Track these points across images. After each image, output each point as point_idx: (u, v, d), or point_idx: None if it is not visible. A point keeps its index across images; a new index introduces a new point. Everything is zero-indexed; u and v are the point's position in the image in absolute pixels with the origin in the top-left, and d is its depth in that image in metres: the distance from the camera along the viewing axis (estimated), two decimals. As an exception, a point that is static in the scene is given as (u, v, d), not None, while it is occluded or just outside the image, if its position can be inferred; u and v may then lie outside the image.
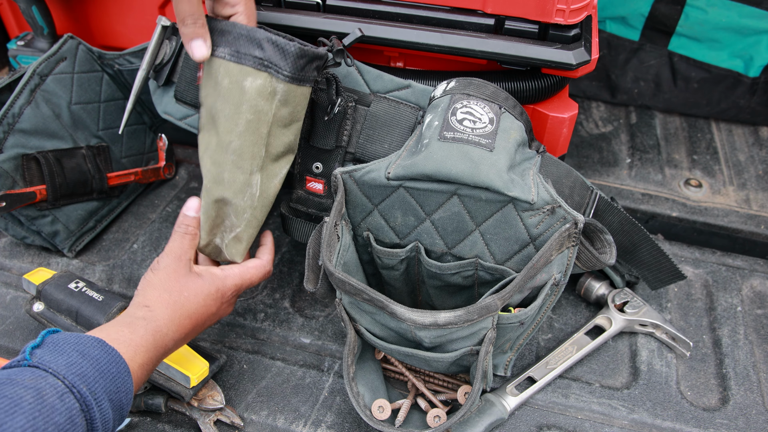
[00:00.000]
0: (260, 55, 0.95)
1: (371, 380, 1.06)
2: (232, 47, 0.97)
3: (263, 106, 0.98)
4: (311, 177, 1.15)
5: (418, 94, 1.08)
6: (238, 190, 1.03)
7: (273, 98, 0.98)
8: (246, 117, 0.98)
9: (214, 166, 1.03)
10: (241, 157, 1.01)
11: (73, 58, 1.36)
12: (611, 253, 1.01)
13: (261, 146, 1.01)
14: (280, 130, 1.02)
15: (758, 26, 1.59)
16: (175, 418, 1.08)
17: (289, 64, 0.95)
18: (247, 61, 0.96)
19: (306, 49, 0.95)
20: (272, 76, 0.96)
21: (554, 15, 1.05)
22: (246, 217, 1.06)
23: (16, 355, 1.17)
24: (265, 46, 0.95)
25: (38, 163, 1.29)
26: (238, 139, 1.00)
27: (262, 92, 0.97)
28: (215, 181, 1.04)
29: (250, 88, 0.97)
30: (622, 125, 1.74)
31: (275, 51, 0.95)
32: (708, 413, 1.10)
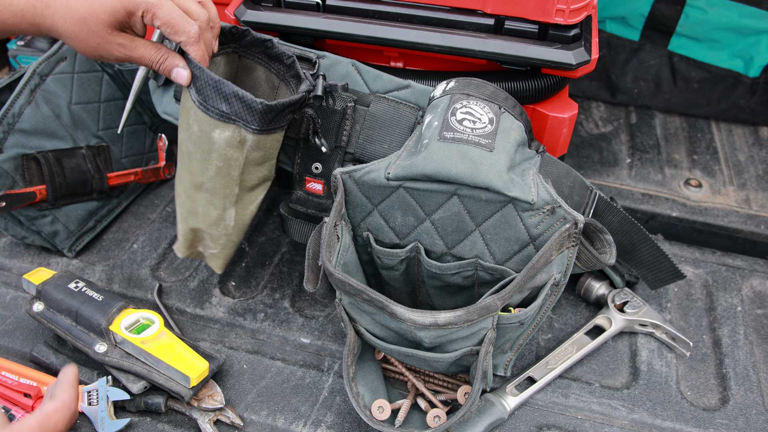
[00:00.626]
0: (227, 110, 0.93)
1: (371, 380, 1.06)
2: (200, 94, 0.94)
3: (233, 154, 0.98)
4: (311, 177, 1.15)
5: (417, 94, 1.08)
6: (212, 223, 1.07)
7: (243, 146, 0.97)
8: (216, 164, 0.99)
9: (189, 200, 1.06)
10: (214, 195, 1.03)
11: (73, 57, 1.36)
12: (611, 253, 1.01)
13: (233, 186, 1.02)
14: (253, 168, 1.03)
15: (758, 26, 1.59)
16: (175, 418, 1.08)
17: (256, 119, 0.94)
18: (214, 113, 0.94)
19: (273, 105, 0.93)
20: (240, 128, 0.95)
21: (554, 15, 1.05)
22: (221, 243, 1.10)
23: (16, 355, 1.17)
24: (231, 101, 0.92)
25: (38, 163, 1.29)
26: (210, 182, 1.01)
27: (231, 142, 0.96)
28: (190, 212, 1.07)
29: (219, 138, 0.96)
30: (622, 125, 1.74)
31: (242, 107, 0.92)
32: (708, 413, 1.10)
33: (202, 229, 1.09)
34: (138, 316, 1.13)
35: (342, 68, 1.09)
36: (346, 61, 1.10)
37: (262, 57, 1.08)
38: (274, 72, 1.07)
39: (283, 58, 1.03)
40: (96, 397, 1.06)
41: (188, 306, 1.28)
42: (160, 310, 1.26)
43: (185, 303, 1.28)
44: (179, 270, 1.36)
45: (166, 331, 1.12)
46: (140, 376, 1.07)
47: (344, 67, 1.09)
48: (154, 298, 1.28)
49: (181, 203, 1.09)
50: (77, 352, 1.17)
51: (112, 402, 1.06)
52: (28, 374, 1.09)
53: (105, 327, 1.09)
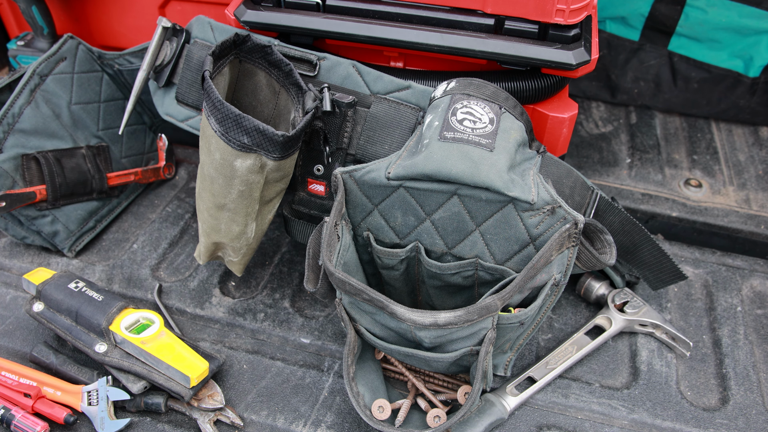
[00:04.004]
0: (248, 142, 0.97)
1: (371, 380, 1.06)
2: (221, 125, 0.97)
3: (254, 179, 1.02)
4: (312, 179, 1.15)
5: (418, 94, 1.08)
6: (234, 237, 1.11)
7: (263, 170, 1.01)
8: (238, 188, 1.03)
9: (211, 218, 1.09)
10: (236, 214, 1.07)
11: (73, 58, 1.36)
12: (611, 253, 1.01)
13: (255, 204, 1.06)
14: (272, 185, 1.06)
15: (758, 26, 1.59)
16: (175, 418, 1.08)
17: (278, 149, 0.97)
18: (236, 144, 0.97)
19: (293, 135, 0.97)
20: (261, 155, 0.99)
21: (554, 15, 1.05)
22: (242, 252, 1.14)
23: (16, 355, 1.17)
24: (253, 134, 0.96)
25: (38, 163, 1.29)
26: (232, 203, 1.05)
27: (252, 169, 1.00)
28: (213, 229, 1.11)
29: (241, 166, 1.00)
30: (622, 125, 1.74)
31: (263, 139, 0.96)
32: (708, 413, 1.10)
33: (225, 243, 1.13)
34: (138, 316, 1.13)
35: (343, 69, 1.09)
36: (346, 62, 1.10)
37: (262, 62, 1.08)
38: (274, 78, 1.08)
39: (282, 65, 1.05)
40: (96, 397, 1.06)
41: (188, 306, 1.28)
42: (160, 310, 1.26)
43: (185, 303, 1.28)
44: (179, 270, 1.36)
45: (166, 331, 1.12)
46: (140, 376, 1.07)
47: (345, 69, 1.09)
48: (154, 298, 1.28)
49: (203, 220, 1.13)
50: (77, 352, 1.17)
51: (112, 402, 1.06)
52: (28, 374, 1.09)
53: (105, 327, 1.09)
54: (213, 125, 0.98)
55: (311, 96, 1.01)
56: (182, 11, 1.44)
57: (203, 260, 1.20)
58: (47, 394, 1.07)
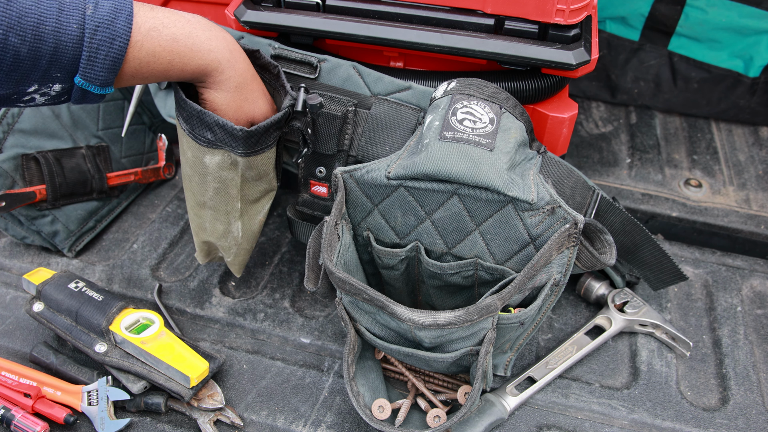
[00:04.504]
0: (212, 138, 0.97)
1: (371, 380, 1.06)
2: (188, 123, 0.98)
3: (227, 175, 1.02)
4: (315, 181, 1.15)
5: (418, 95, 1.08)
6: (220, 236, 1.11)
7: (236, 167, 1.01)
8: (213, 185, 1.03)
9: (196, 216, 1.10)
10: (217, 212, 1.07)
11: (73, 58, 1.36)
12: (611, 253, 1.01)
13: (234, 203, 1.06)
14: (251, 184, 1.06)
15: (758, 26, 1.59)
16: (175, 418, 1.08)
17: (240, 144, 0.97)
18: (202, 140, 0.98)
19: (254, 130, 0.96)
20: (229, 152, 0.98)
21: (554, 15, 1.05)
22: (233, 252, 1.14)
23: (16, 355, 1.17)
24: (215, 129, 0.95)
25: (38, 163, 1.29)
26: (211, 200, 1.05)
27: (223, 166, 1.00)
28: (199, 228, 1.12)
29: (210, 162, 1.00)
30: (622, 125, 1.74)
31: (225, 134, 0.96)
32: (708, 413, 1.10)
33: (212, 242, 1.14)
34: (138, 316, 1.13)
35: (343, 71, 1.09)
36: (347, 63, 1.10)
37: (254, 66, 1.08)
38: (266, 81, 1.08)
39: (270, 67, 1.05)
40: (96, 397, 1.06)
41: (188, 306, 1.28)
42: (160, 310, 1.26)
43: (185, 303, 1.28)
44: (179, 270, 1.36)
45: (166, 331, 1.12)
46: (140, 376, 1.07)
47: (345, 70, 1.09)
48: (154, 298, 1.28)
49: (191, 219, 1.14)
50: (77, 352, 1.17)
51: (112, 402, 1.06)
52: (28, 374, 1.09)
53: (105, 327, 1.09)
54: (182, 124, 0.99)
55: (289, 99, 1.01)
56: (182, 11, 1.44)
57: (201, 260, 1.21)
58: (47, 394, 1.07)
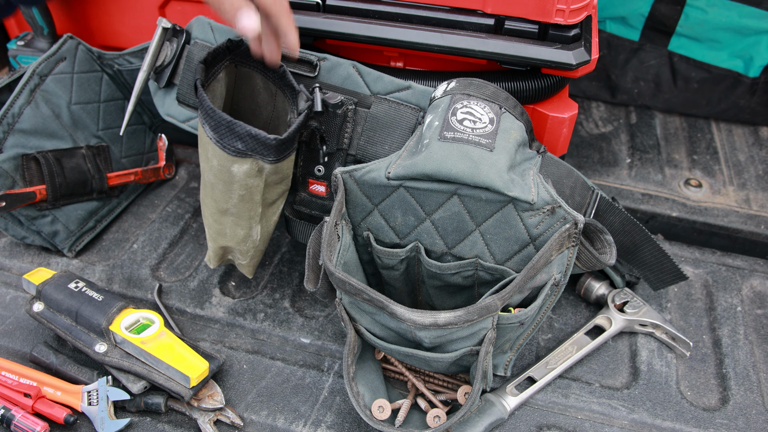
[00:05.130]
0: (242, 148, 0.97)
1: (371, 380, 1.06)
2: (216, 132, 0.98)
3: (253, 182, 1.02)
4: (313, 179, 1.15)
5: (418, 95, 1.08)
6: (240, 241, 1.11)
7: (261, 173, 1.02)
8: (238, 193, 1.03)
9: (216, 223, 1.10)
10: (239, 218, 1.08)
11: (73, 58, 1.36)
12: (611, 253, 1.01)
13: (257, 207, 1.07)
14: (273, 188, 1.07)
15: (758, 26, 1.59)
16: (175, 418, 1.08)
17: (272, 152, 0.98)
18: (231, 150, 0.98)
19: (286, 138, 0.96)
20: (257, 160, 0.99)
21: (554, 15, 1.05)
22: (250, 255, 1.15)
23: (16, 355, 1.17)
24: (246, 139, 0.96)
25: (38, 163, 1.29)
26: (234, 207, 1.06)
27: (250, 173, 1.01)
28: (219, 234, 1.12)
29: (238, 171, 1.00)
30: (622, 125, 1.74)
31: (257, 144, 0.96)
32: (708, 413, 1.10)
33: (231, 247, 1.14)
34: (138, 316, 1.13)
35: (343, 70, 1.09)
36: (347, 63, 1.10)
37: (257, 65, 1.09)
38: (270, 80, 1.09)
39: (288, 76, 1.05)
40: (96, 397, 1.06)
41: (188, 306, 1.28)
42: (160, 310, 1.26)
43: (185, 303, 1.28)
44: (179, 270, 1.36)
45: (166, 331, 1.12)
46: (140, 376, 1.07)
47: (345, 69, 1.09)
48: (154, 298, 1.28)
49: (209, 225, 1.13)
50: (77, 352, 1.17)
51: (112, 402, 1.06)
52: (28, 374, 1.09)
53: (105, 327, 1.09)
54: (208, 133, 0.99)
55: (303, 97, 1.01)
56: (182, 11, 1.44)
57: (213, 264, 1.21)
58: (47, 394, 1.07)
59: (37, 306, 1.14)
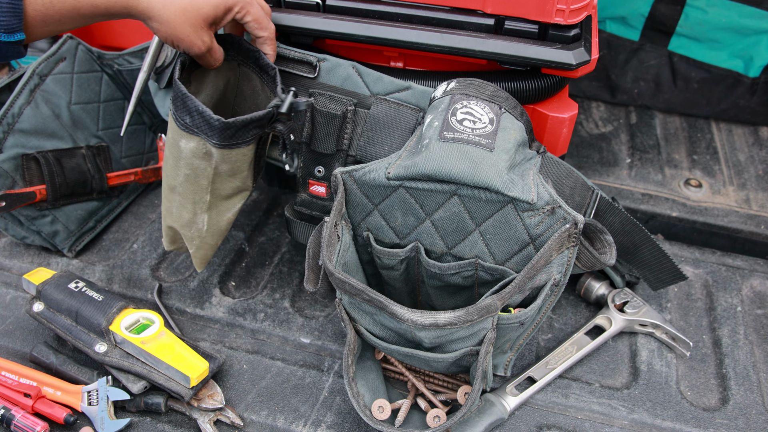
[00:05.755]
0: (189, 122, 0.97)
1: (371, 380, 1.06)
2: (173, 104, 0.98)
3: (199, 164, 1.01)
4: (314, 180, 1.15)
5: (418, 95, 1.08)
6: (184, 224, 1.10)
7: (209, 158, 1.01)
8: (184, 171, 1.03)
9: (166, 200, 1.10)
10: (185, 199, 1.07)
11: (73, 58, 1.36)
12: (611, 253, 1.01)
13: (203, 194, 1.05)
14: (224, 179, 1.05)
15: (758, 26, 1.59)
16: (175, 418, 1.08)
17: (216, 134, 0.96)
18: (181, 124, 0.98)
19: (231, 122, 0.95)
20: (204, 141, 0.98)
21: (554, 15, 1.05)
22: (195, 244, 1.13)
23: (16, 355, 1.17)
24: (194, 115, 0.95)
25: (38, 163, 1.29)
26: (180, 186, 1.05)
27: (196, 153, 1.00)
28: (167, 212, 1.11)
29: (185, 148, 1.00)
30: (622, 125, 1.74)
31: (202, 122, 0.95)
32: (708, 413, 1.10)
33: (176, 228, 1.12)
34: (138, 316, 1.13)
35: (343, 71, 1.09)
36: (346, 63, 1.10)
37: (254, 67, 1.09)
38: (265, 82, 1.08)
39: (268, 69, 1.05)
40: (96, 397, 1.06)
41: (188, 306, 1.28)
42: (160, 310, 1.26)
43: (185, 303, 1.28)
44: (179, 270, 1.36)
45: (166, 331, 1.12)
46: (140, 376, 1.07)
47: (345, 70, 1.09)
48: (154, 298, 1.28)
49: (162, 201, 1.13)
50: (77, 352, 1.17)
51: (112, 402, 1.06)
52: (28, 374, 1.09)
53: (105, 327, 1.09)
54: (170, 104, 1.00)
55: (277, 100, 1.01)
56: (182, 11, 1.44)
57: (166, 245, 1.19)
58: (47, 394, 1.07)
59: (37, 306, 1.14)
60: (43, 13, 0.87)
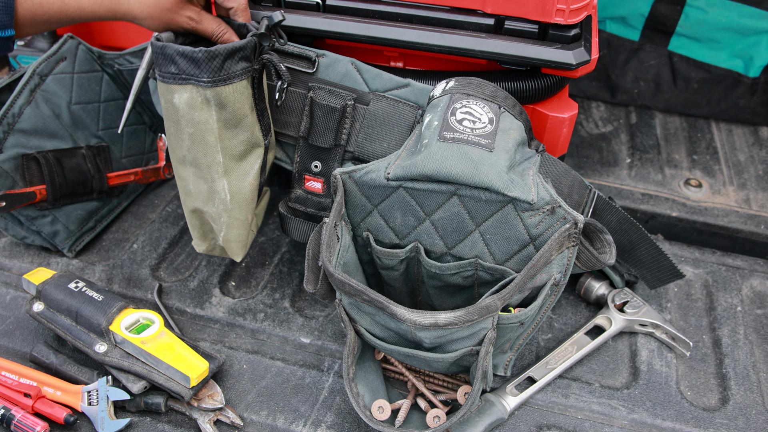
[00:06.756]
0: (175, 71, 0.95)
1: (371, 380, 1.06)
2: (156, 66, 0.97)
3: (200, 117, 0.98)
4: (310, 176, 1.15)
5: (417, 92, 1.08)
6: (206, 199, 1.06)
7: (207, 106, 0.98)
8: (187, 131, 1.00)
9: (180, 179, 1.07)
10: (198, 167, 1.03)
11: (73, 58, 1.36)
12: (611, 253, 1.01)
13: (215, 153, 1.01)
14: (230, 132, 1.01)
15: (758, 26, 1.59)
16: (175, 418, 1.08)
17: (203, 70, 0.94)
18: (168, 78, 0.96)
19: (214, 50, 0.93)
20: (196, 87, 0.96)
21: (554, 15, 1.05)
22: (224, 221, 1.07)
23: (16, 355, 1.17)
24: (177, 60, 0.94)
25: (38, 163, 1.29)
26: (189, 152, 1.02)
27: (193, 104, 0.97)
28: (185, 192, 1.07)
29: (179, 103, 0.97)
30: (622, 125, 1.74)
31: (187, 62, 0.94)
32: (708, 413, 1.10)
33: (200, 208, 1.08)
34: (138, 316, 1.13)
35: (341, 67, 1.09)
36: (345, 59, 1.10)
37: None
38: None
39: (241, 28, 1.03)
40: (96, 397, 1.06)
41: (188, 306, 1.28)
42: (160, 310, 1.26)
43: (185, 303, 1.28)
44: (179, 270, 1.36)
45: (166, 331, 1.12)
46: (140, 376, 1.07)
47: (344, 66, 1.09)
48: (154, 298, 1.28)
49: (178, 185, 1.09)
50: (77, 352, 1.17)
51: (112, 402, 1.06)
52: (28, 374, 1.09)
53: (105, 327, 1.09)
54: (154, 73, 0.99)
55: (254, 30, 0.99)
56: (182, 11, 1.44)
57: (198, 246, 1.14)
58: (47, 394, 1.07)
59: (37, 306, 1.14)
60: (32, 13, 0.91)
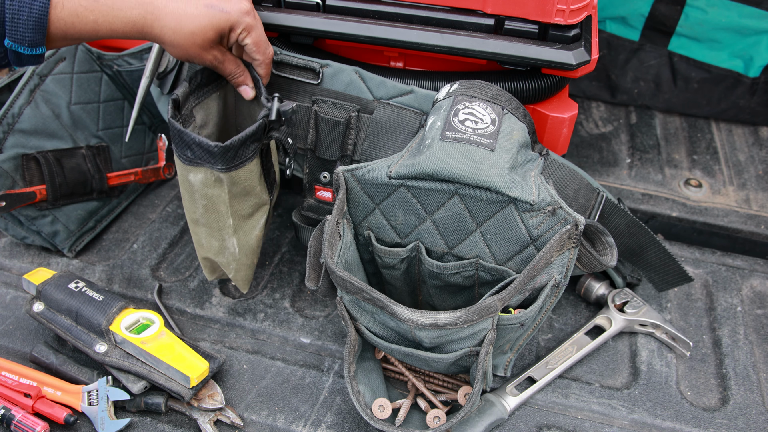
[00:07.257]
0: (191, 156, 0.98)
1: (372, 379, 1.06)
2: (174, 143, 1.00)
3: (213, 192, 1.03)
4: (320, 186, 1.16)
5: (420, 99, 1.08)
6: (216, 252, 1.11)
7: (220, 184, 1.02)
8: (201, 203, 1.04)
9: (193, 233, 1.12)
10: (210, 228, 1.08)
11: (73, 58, 1.36)
12: (612, 254, 1.01)
13: (226, 219, 1.07)
14: (240, 200, 1.06)
15: (758, 26, 1.59)
16: (175, 418, 1.08)
17: (219, 160, 0.98)
18: (185, 159, 1.00)
19: (229, 144, 0.96)
20: (210, 169, 0.99)
21: (554, 15, 1.05)
22: (233, 267, 1.14)
23: (16, 355, 1.17)
24: (193, 148, 0.97)
25: (38, 163, 1.29)
26: (202, 217, 1.07)
27: (207, 183, 1.01)
28: (198, 244, 1.13)
29: (195, 180, 1.02)
30: (622, 125, 1.74)
31: (203, 152, 0.97)
32: (708, 413, 1.10)
33: (211, 258, 1.14)
34: (138, 316, 1.13)
35: (346, 76, 1.10)
36: (349, 68, 1.10)
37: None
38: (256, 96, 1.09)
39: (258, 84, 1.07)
40: (96, 397, 1.06)
41: (188, 306, 1.28)
42: (160, 310, 1.26)
43: (185, 303, 1.28)
44: (179, 270, 1.36)
45: (166, 331, 1.12)
46: (140, 376, 1.07)
47: (348, 75, 1.10)
48: (154, 298, 1.28)
49: (193, 238, 1.15)
50: (77, 352, 1.17)
51: (112, 402, 1.06)
52: (28, 374, 1.09)
53: (105, 327, 1.09)
54: (173, 145, 1.02)
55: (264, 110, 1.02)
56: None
57: (208, 276, 1.20)
58: (47, 394, 1.07)
59: (37, 306, 1.14)
60: (64, 31, 0.91)
